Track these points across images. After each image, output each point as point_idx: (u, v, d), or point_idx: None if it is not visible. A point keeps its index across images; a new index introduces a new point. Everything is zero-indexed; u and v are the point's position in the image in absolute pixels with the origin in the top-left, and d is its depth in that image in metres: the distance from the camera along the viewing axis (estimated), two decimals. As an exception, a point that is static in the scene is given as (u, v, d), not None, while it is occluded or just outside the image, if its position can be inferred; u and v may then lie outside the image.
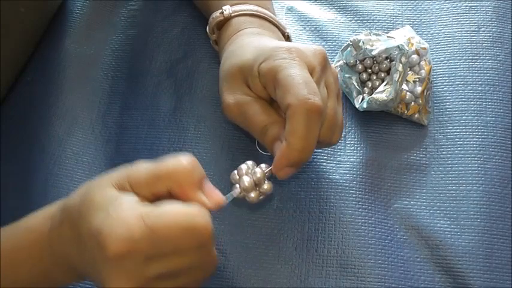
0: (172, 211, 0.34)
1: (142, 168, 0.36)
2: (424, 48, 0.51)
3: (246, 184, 0.40)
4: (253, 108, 0.42)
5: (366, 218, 0.46)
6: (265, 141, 0.42)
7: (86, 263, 0.35)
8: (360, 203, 0.47)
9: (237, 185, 0.40)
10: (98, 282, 0.35)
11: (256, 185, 0.40)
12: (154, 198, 0.36)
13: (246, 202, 0.41)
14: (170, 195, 0.36)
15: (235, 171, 0.41)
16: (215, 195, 0.37)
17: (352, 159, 0.49)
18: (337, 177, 0.48)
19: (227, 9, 0.48)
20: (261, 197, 0.41)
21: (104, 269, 0.33)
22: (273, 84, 0.40)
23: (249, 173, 0.40)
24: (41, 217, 0.39)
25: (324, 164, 0.49)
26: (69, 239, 0.36)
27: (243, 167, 0.41)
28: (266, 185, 0.40)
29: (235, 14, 0.48)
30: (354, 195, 0.47)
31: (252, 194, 0.40)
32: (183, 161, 0.36)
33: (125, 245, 0.32)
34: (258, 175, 0.40)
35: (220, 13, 0.49)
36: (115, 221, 0.33)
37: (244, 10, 0.48)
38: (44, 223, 0.38)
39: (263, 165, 0.41)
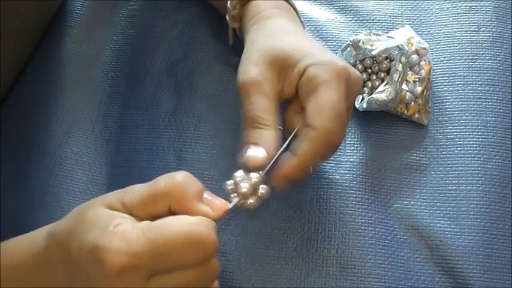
0: (173, 222, 0.32)
1: (136, 189, 0.35)
2: (424, 48, 0.51)
3: (245, 190, 0.38)
4: (265, 96, 0.40)
5: (366, 218, 0.46)
6: (248, 128, 0.39)
7: (76, 286, 0.34)
8: (360, 203, 0.47)
9: (235, 194, 0.39)
10: None
11: (254, 190, 0.39)
12: (151, 219, 0.34)
13: (245, 211, 0.40)
14: (170, 214, 0.34)
15: (229, 182, 0.39)
16: (217, 203, 0.36)
17: (352, 159, 0.49)
18: (337, 177, 0.48)
19: None
20: (260, 202, 0.39)
21: (102, 286, 0.31)
22: (311, 91, 0.38)
23: (245, 180, 0.39)
24: (24, 242, 0.37)
25: (324, 164, 0.49)
26: (55, 264, 0.34)
27: (236, 175, 0.39)
28: (263, 189, 0.39)
29: None
30: (354, 195, 0.47)
31: (251, 200, 0.39)
32: (177, 177, 0.34)
33: (125, 259, 0.30)
34: (255, 180, 0.38)
35: None
36: (113, 235, 0.31)
37: None
38: (26, 247, 0.36)
39: (255, 173, 0.39)
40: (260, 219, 0.47)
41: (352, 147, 0.49)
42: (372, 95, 0.48)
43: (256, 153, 0.38)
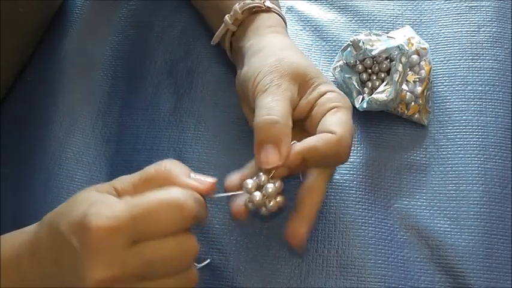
0: (155, 192, 0.34)
1: (127, 176, 0.37)
2: (424, 49, 0.51)
3: (257, 198, 0.38)
4: (285, 98, 0.40)
5: (366, 218, 0.46)
6: (262, 124, 0.39)
7: (64, 272, 0.33)
8: (360, 203, 0.47)
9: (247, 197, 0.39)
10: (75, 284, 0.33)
11: (267, 198, 0.39)
12: None
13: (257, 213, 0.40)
14: None
15: (249, 182, 0.39)
16: (205, 178, 0.37)
17: (352, 159, 0.49)
18: (337, 177, 0.48)
19: (266, 2, 0.48)
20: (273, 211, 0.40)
21: (85, 257, 0.32)
22: (331, 110, 0.40)
23: (260, 187, 0.39)
24: (15, 233, 0.38)
25: (324, 164, 0.49)
26: (45, 249, 0.34)
27: (251, 182, 0.39)
28: (273, 202, 0.39)
29: (276, 10, 0.49)
30: (354, 195, 0.47)
31: (263, 209, 0.39)
32: (165, 162, 0.36)
33: (108, 221, 0.31)
34: (270, 190, 0.38)
35: (257, 2, 0.48)
36: (99, 205, 0.32)
37: (277, 10, 0.49)
38: (16, 236, 0.37)
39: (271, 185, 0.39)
40: (260, 219, 0.47)
41: (352, 147, 0.49)
42: (372, 95, 0.48)
43: (270, 156, 0.38)
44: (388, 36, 0.51)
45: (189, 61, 0.56)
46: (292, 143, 0.39)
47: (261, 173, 0.39)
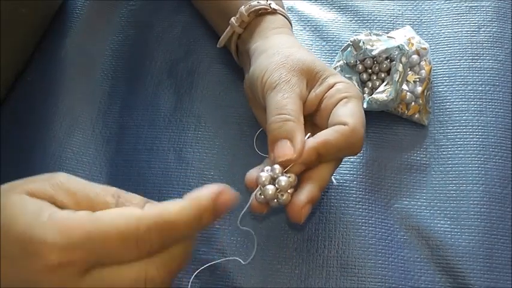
0: (111, 216, 0.30)
1: (69, 187, 0.32)
2: (425, 49, 0.51)
3: (270, 192, 0.38)
4: (295, 94, 0.40)
5: (366, 218, 0.46)
6: (274, 121, 0.39)
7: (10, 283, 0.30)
8: (360, 203, 0.47)
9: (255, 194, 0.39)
10: None
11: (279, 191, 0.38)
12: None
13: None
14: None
15: (263, 175, 0.38)
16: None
17: (352, 159, 0.49)
18: (337, 177, 0.48)
19: (272, 4, 0.48)
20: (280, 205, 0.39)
21: (34, 282, 0.28)
22: (341, 101, 0.40)
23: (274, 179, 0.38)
24: None
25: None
26: None
27: (265, 174, 0.38)
28: (286, 195, 0.38)
29: (281, 12, 0.49)
30: (354, 195, 0.47)
31: (274, 201, 0.39)
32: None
33: (61, 254, 0.28)
34: (283, 184, 0.38)
35: (262, 4, 0.48)
36: (49, 225, 0.28)
37: (282, 11, 0.49)
38: None
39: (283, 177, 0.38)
40: (260, 220, 0.47)
41: (353, 147, 0.49)
42: (372, 95, 0.48)
43: (285, 150, 0.38)
44: (388, 36, 0.51)
45: (189, 61, 0.56)
46: (306, 136, 0.39)
47: (275, 166, 0.38)
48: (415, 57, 0.51)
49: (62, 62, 0.56)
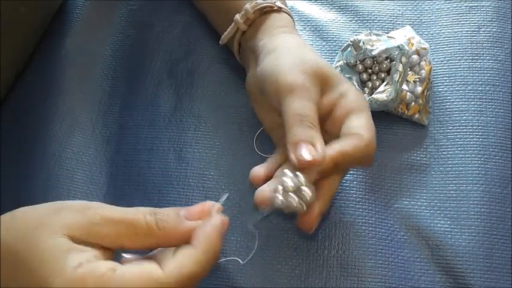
0: (137, 277, 0.30)
1: (108, 219, 0.32)
2: (425, 49, 0.51)
3: (294, 204, 0.37)
4: (312, 101, 0.40)
5: (366, 218, 0.46)
6: (296, 125, 0.39)
7: None
8: (360, 203, 0.47)
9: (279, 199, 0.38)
10: None
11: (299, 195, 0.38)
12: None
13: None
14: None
15: (288, 182, 0.38)
16: (196, 211, 0.34)
17: (352, 159, 0.49)
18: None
19: (277, 2, 0.48)
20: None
21: None
22: (355, 110, 0.41)
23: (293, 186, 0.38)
24: None
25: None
26: (3, 275, 0.32)
27: (290, 182, 0.38)
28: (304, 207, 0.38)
29: (286, 10, 0.49)
30: (354, 195, 0.47)
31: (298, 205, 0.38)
32: (150, 213, 0.33)
33: None
34: (308, 198, 0.37)
35: (268, 2, 0.48)
36: (71, 279, 0.29)
37: (287, 10, 0.49)
38: None
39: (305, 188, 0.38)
40: (260, 220, 0.47)
41: (353, 147, 0.49)
42: (373, 95, 0.48)
43: (309, 152, 0.37)
44: (388, 36, 0.51)
45: (189, 61, 0.56)
46: None
47: (299, 173, 0.38)
48: (415, 57, 0.51)
49: (62, 62, 0.56)
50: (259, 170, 0.42)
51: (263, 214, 0.38)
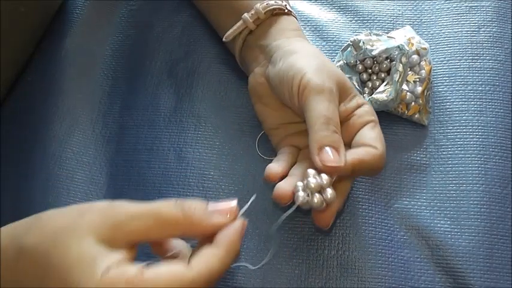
0: (164, 278, 0.31)
1: (137, 216, 0.33)
2: (425, 49, 0.51)
3: (316, 201, 0.38)
4: (337, 107, 0.42)
5: (366, 218, 0.46)
6: (323, 129, 0.40)
7: None
8: (360, 203, 0.47)
9: (301, 195, 0.39)
10: None
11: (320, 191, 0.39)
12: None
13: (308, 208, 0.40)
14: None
15: (312, 181, 0.39)
16: (223, 208, 0.35)
17: (352, 159, 0.49)
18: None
19: (287, 6, 0.49)
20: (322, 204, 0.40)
21: None
22: (368, 122, 0.42)
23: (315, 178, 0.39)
24: None
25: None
26: (30, 277, 0.32)
27: (314, 181, 0.39)
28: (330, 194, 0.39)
29: (293, 14, 0.50)
30: (354, 195, 0.47)
31: (316, 199, 0.39)
32: (179, 205, 0.34)
33: None
34: (329, 197, 0.38)
35: (279, 4, 0.49)
36: (99, 284, 0.30)
37: (294, 14, 0.50)
38: None
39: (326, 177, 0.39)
40: (260, 219, 0.47)
41: (353, 147, 0.49)
42: (373, 95, 0.48)
43: (334, 157, 0.39)
44: (388, 36, 0.51)
45: (189, 61, 0.56)
46: None
47: (324, 175, 0.39)
48: (415, 57, 0.51)
49: (62, 62, 0.56)
50: (276, 167, 0.43)
51: (286, 215, 0.38)
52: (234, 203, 0.36)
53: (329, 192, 0.39)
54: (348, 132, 0.42)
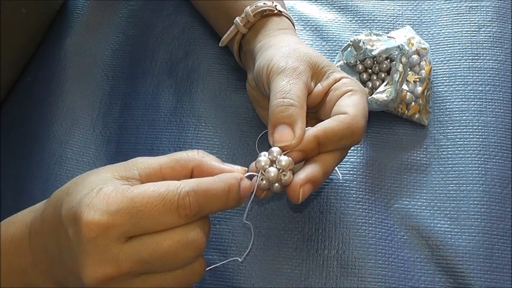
0: (154, 185, 0.32)
1: (152, 158, 0.35)
2: (425, 49, 0.51)
3: (272, 174, 0.37)
4: (301, 81, 0.41)
5: (366, 218, 0.46)
6: (277, 105, 0.39)
7: (64, 257, 0.33)
8: (360, 203, 0.47)
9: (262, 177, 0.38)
10: (77, 281, 0.32)
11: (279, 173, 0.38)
12: None
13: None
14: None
15: (262, 159, 0.38)
16: (236, 167, 0.36)
17: (352, 159, 0.49)
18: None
19: (278, 6, 0.49)
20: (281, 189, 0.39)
21: (79, 252, 0.31)
22: (345, 94, 0.41)
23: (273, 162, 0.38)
24: (26, 211, 0.38)
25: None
26: (49, 228, 0.34)
27: (264, 159, 0.38)
28: (288, 175, 0.38)
29: (285, 14, 0.50)
30: (354, 195, 0.47)
31: (276, 185, 0.38)
32: (196, 150, 0.36)
33: (100, 217, 0.30)
34: (283, 163, 0.37)
35: (268, 6, 0.48)
36: (95, 195, 0.31)
37: (286, 13, 0.50)
38: (27, 215, 0.36)
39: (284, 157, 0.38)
40: (260, 220, 0.47)
41: (353, 148, 0.49)
42: (373, 95, 0.48)
43: (284, 134, 0.38)
44: (388, 36, 0.51)
45: (189, 61, 0.56)
46: (306, 128, 0.39)
47: (273, 148, 0.38)
48: (415, 57, 0.51)
49: (62, 62, 0.56)
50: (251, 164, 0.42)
51: (249, 201, 0.38)
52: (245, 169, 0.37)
53: (282, 159, 0.37)
54: (327, 109, 0.41)
